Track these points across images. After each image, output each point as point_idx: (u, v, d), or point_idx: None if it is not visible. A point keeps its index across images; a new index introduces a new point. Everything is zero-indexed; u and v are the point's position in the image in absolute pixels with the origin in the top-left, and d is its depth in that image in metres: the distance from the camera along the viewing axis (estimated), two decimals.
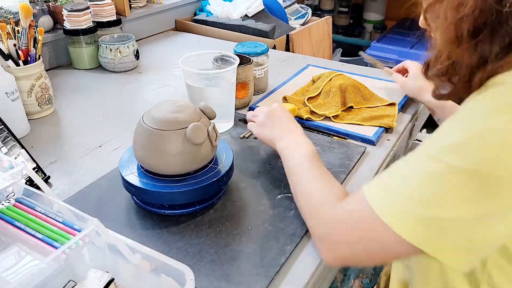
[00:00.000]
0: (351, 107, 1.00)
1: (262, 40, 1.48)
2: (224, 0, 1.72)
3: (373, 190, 0.50)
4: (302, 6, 1.93)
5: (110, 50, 1.23)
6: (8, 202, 0.57)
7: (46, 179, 0.78)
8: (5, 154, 0.75)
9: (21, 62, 0.97)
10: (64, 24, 1.25)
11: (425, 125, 1.29)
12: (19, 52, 0.96)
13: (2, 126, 0.78)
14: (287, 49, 1.59)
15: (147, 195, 0.66)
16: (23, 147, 0.78)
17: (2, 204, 0.57)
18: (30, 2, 1.24)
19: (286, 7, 1.83)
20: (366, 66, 1.33)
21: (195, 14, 1.76)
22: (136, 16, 1.51)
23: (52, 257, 0.47)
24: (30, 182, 0.69)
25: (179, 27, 1.70)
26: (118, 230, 0.53)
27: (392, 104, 1.01)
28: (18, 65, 0.96)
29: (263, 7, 1.68)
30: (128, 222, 0.68)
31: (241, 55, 1.01)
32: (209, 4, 1.72)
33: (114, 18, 1.35)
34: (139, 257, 0.50)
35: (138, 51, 1.30)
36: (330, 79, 1.05)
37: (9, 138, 0.78)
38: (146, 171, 0.68)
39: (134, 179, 0.67)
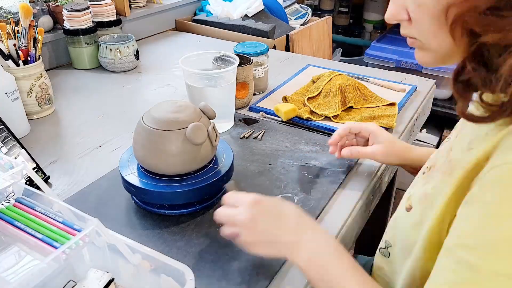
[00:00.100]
0: (351, 107, 1.00)
1: (262, 40, 1.48)
2: (224, 0, 1.72)
3: None
4: (302, 6, 1.93)
5: (110, 50, 1.23)
6: (8, 202, 0.57)
7: (46, 179, 0.78)
8: (5, 154, 0.75)
9: (21, 62, 0.97)
10: (64, 24, 1.25)
11: (425, 125, 1.29)
12: (19, 52, 0.96)
13: (2, 126, 0.78)
14: (287, 49, 1.59)
15: (147, 195, 0.66)
16: (23, 147, 0.78)
17: (2, 204, 0.57)
18: (30, 2, 1.24)
19: (286, 7, 1.83)
20: (366, 66, 1.33)
21: (195, 14, 1.76)
22: (136, 16, 1.51)
23: (52, 257, 0.47)
24: (30, 182, 0.69)
25: (179, 27, 1.70)
26: (118, 230, 0.53)
27: (392, 104, 1.01)
28: (18, 65, 0.96)
29: (263, 7, 1.68)
30: (128, 222, 0.68)
31: (241, 55, 1.01)
32: (209, 4, 1.72)
33: (114, 18, 1.35)
34: (139, 257, 0.50)
35: (138, 51, 1.30)
36: (330, 79, 1.05)
37: (9, 138, 0.78)
38: (146, 171, 0.68)
39: (134, 179, 0.67)
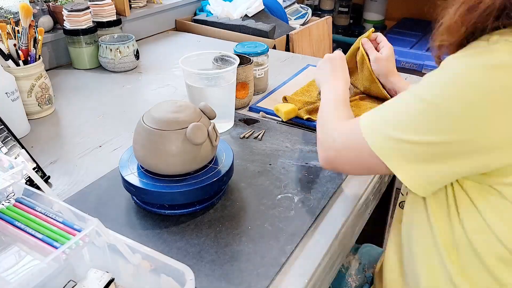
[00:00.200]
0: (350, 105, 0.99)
1: (262, 40, 1.48)
2: (224, 0, 1.72)
3: (366, 113, 0.60)
4: (302, 6, 1.93)
5: (110, 50, 1.23)
6: (8, 202, 0.57)
7: (46, 179, 0.78)
8: (5, 154, 0.75)
9: (21, 62, 0.97)
10: (64, 24, 1.25)
11: None
12: (19, 52, 0.96)
13: (2, 126, 0.78)
14: (287, 49, 1.59)
15: (147, 195, 0.66)
16: (23, 147, 0.78)
17: (2, 204, 0.57)
18: (30, 2, 1.24)
19: (286, 7, 1.83)
20: None
21: (195, 14, 1.76)
22: (136, 16, 1.51)
23: (52, 257, 0.47)
24: (30, 182, 0.69)
25: (179, 27, 1.70)
26: (118, 230, 0.53)
27: None
28: (18, 65, 0.96)
29: (263, 7, 1.68)
30: (128, 222, 0.68)
31: (241, 55, 1.01)
32: (209, 4, 1.72)
33: (114, 18, 1.35)
34: (139, 257, 0.50)
35: (138, 51, 1.30)
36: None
37: (9, 138, 0.78)
38: (146, 171, 0.68)
39: (134, 179, 0.67)
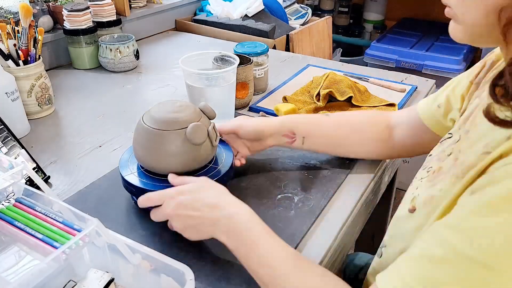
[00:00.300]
0: (352, 105, 1.00)
1: (262, 40, 1.48)
2: (224, 0, 1.72)
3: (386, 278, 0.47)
4: (302, 6, 1.93)
5: (110, 50, 1.23)
6: (8, 202, 0.57)
7: (46, 179, 0.78)
8: (5, 154, 0.75)
9: (21, 62, 0.97)
10: (64, 24, 1.25)
11: None
12: (19, 52, 0.96)
13: (2, 126, 0.78)
14: (287, 49, 1.59)
15: None
16: (23, 147, 0.78)
17: (2, 204, 0.57)
18: (30, 2, 1.24)
19: (286, 7, 1.83)
20: (366, 66, 1.33)
21: (195, 14, 1.76)
22: (136, 16, 1.51)
23: (52, 257, 0.47)
24: (30, 182, 0.69)
25: (179, 27, 1.70)
26: (118, 230, 0.53)
27: (391, 104, 1.01)
28: (18, 65, 0.96)
29: (263, 7, 1.68)
30: (128, 222, 0.68)
31: (241, 55, 1.01)
32: (209, 4, 1.72)
33: (114, 18, 1.35)
34: (139, 257, 0.50)
35: (138, 51, 1.30)
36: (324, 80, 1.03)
37: (9, 138, 0.78)
38: (146, 171, 0.68)
39: (134, 179, 0.67)
